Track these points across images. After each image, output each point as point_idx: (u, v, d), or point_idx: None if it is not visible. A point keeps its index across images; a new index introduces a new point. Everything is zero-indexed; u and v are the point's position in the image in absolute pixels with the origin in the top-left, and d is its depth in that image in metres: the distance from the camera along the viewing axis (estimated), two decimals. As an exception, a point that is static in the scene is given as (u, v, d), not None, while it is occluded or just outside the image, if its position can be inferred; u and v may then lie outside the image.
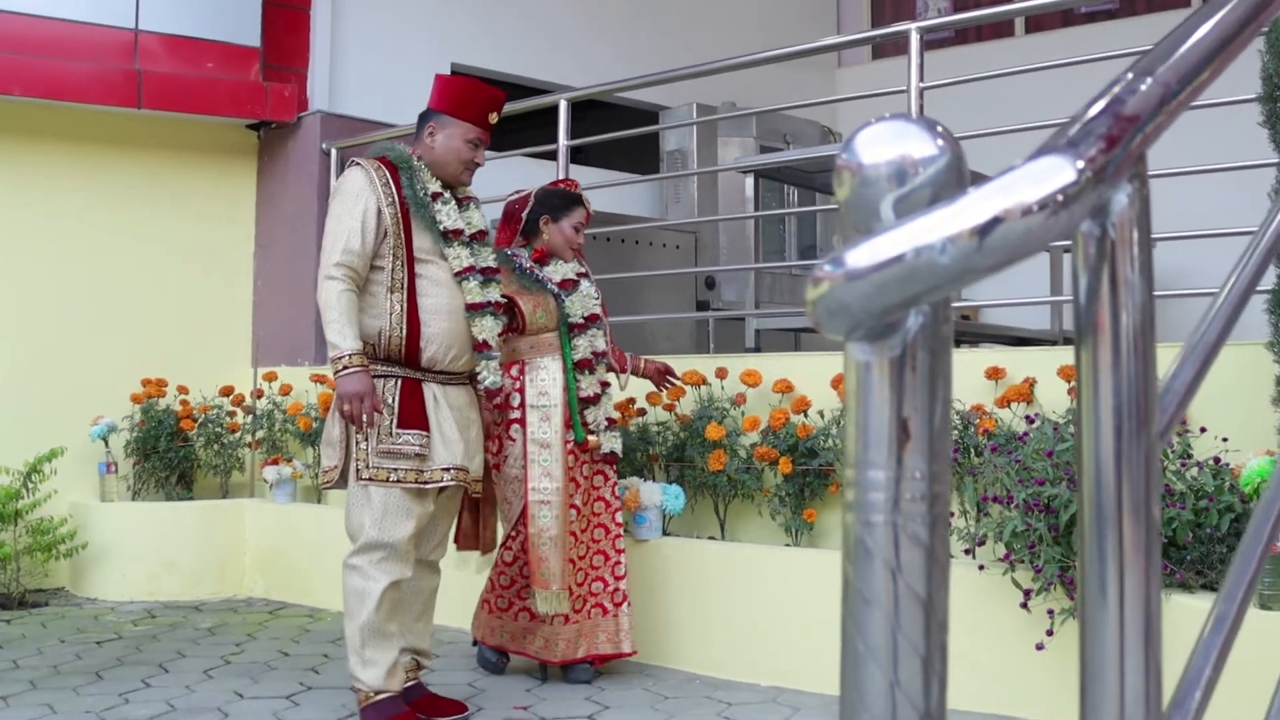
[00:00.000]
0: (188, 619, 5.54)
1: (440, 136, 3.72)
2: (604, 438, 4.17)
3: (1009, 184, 0.80)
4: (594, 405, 4.15)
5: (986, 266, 0.80)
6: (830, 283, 0.86)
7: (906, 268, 0.81)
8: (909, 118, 0.96)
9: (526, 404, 4.07)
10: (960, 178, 0.94)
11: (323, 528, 5.90)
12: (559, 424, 4.05)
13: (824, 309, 0.88)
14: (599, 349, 4.21)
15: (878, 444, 0.89)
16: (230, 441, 6.40)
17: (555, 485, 4.00)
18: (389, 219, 3.54)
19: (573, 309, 4.16)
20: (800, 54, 5.34)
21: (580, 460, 4.14)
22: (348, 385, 3.41)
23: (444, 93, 3.79)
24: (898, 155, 0.93)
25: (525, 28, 8.17)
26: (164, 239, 6.77)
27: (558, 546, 3.99)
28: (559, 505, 3.99)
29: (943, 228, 0.80)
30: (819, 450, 4.25)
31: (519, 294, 4.08)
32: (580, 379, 4.12)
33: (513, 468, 4.07)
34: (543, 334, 4.13)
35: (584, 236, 4.30)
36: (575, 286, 4.21)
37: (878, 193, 0.93)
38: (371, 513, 3.49)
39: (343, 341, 3.42)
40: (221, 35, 6.68)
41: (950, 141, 0.94)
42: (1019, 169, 0.81)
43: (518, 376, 4.10)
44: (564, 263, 4.24)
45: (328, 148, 6.75)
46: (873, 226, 0.96)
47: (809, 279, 0.92)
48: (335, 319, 3.43)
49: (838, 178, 0.99)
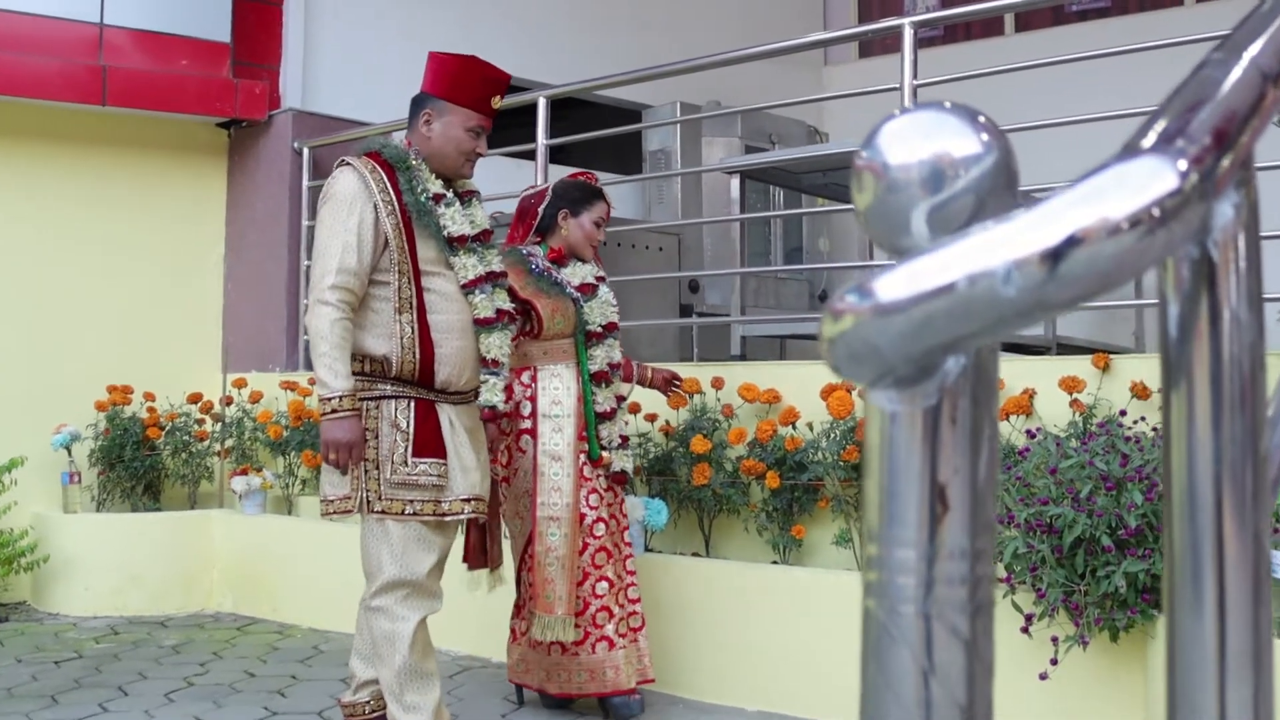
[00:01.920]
0: (152, 636, 5.34)
1: (438, 125, 3.30)
2: (616, 456, 3.88)
3: (1090, 192, 0.61)
4: (609, 420, 3.88)
5: (1062, 301, 0.61)
6: (854, 317, 0.68)
7: (958, 301, 0.62)
8: (944, 106, 0.78)
9: (539, 413, 3.77)
10: (1010, 180, 0.76)
11: (293, 540, 5.70)
12: (571, 435, 3.77)
13: (845, 351, 0.69)
14: (615, 360, 3.93)
15: (906, 516, 0.70)
16: (198, 450, 6.19)
17: (565, 501, 3.72)
18: (390, 229, 3.15)
19: (592, 316, 3.87)
20: (789, 50, 5.16)
21: (597, 473, 3.86)
22: (336, 432, 3.03)
23: (440, 74, 3.34)
24: (932, 153, 0.74)
25: (504, 24, 7.97)
26: (130, 240, 6.56)
27: (565, 568, 3.70)
28: (568, 523, 3.72)
29: (1005, 250, 0.61)
30: (808, 464, 4.07)
31: (537, 296, 3.77)
32: (596, 392, 3.85)
33: (524, 482, 3.79)
34: (558, 340, 3.83)
35: (604, 233, 4.00)
36: (594, 292, 3.92)
37: (908, 200, 0.75)
38: (390, 548, 3.14)
39: (334, 380, 3.04)
40: (190, 30, 6.48)
41: (996, 135, 0.76)
42: (1102, 173, 0.62)
43: (529, 384, 3.81)
44: (582, 264, 3.94)
45: (300, 147, 6.55)
46: (900, 242, 0.78)
47: (827, 310, 0.73)
48: (327, 352, 3.05)
49: (857, 180, 0.80)
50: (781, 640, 3.99)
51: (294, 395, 5.98)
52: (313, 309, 3.10)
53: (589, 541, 3.79)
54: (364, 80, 7.15)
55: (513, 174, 6.37)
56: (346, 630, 5.29)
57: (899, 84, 4.39)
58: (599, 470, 3.84)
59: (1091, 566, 3.12)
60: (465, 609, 4.06)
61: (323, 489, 3.24)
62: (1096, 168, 0.63)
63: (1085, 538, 3.11)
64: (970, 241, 0.63)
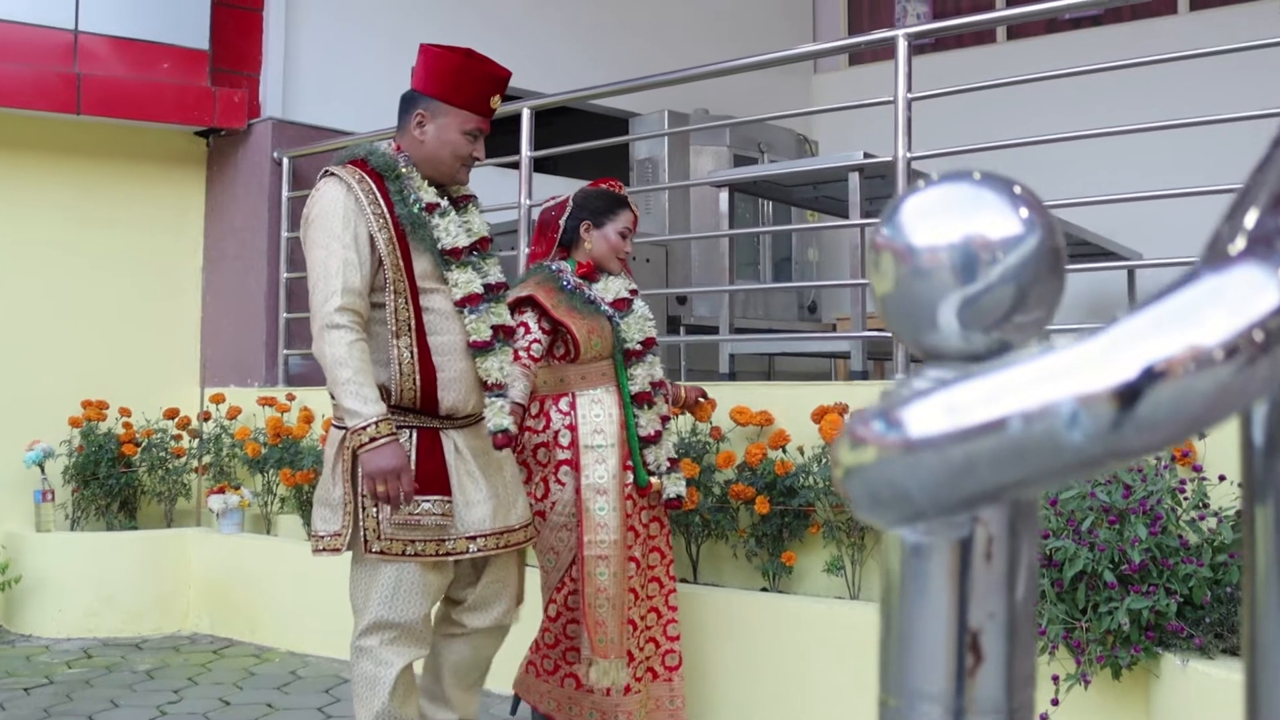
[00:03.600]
0: (126, 659, 5.20)
1: (431, 128, 3.02)
2: (667, 481, 3.61)
3: (1175, 312, 0.49)
4: (654, 444, 3.58)
5: (1139, 449, 0.49)
6: (879, 451, 0.56)
7: (1009, 445, 0.50)
8: (976, 178, 0.66)
9: (579, 444, 3.48)
10: (1055, 264, 0.64)
11: (271, 560, 5.57)
12: (616, 466, 3.48)
13: (865, 489, 0.58)
14: (657, 378, 3.65)
15: (931, 666, 0.58)
16: (175, 467, 6.06)
17: (613, 538, 3.44)
18: (383, 244, 2.89)
19: (629, 333, 3.59)
20: (779, 61, 5.04)
21: (638, 506, 3.58)
22: (379, 461, 2.77)
23: (434, 70, 3.03)
24: (964, 235, 0.62)
25: (489, 31, 7.83)
26: (106, 252, 6.42)
27: (616, 609, 3.43)
28: (617, 561, 3.44)
29: (1069, 382, 0.49)
30: (799, 489, 3.95)
31: (570, 316, 3.48)
32: (639, 414, 3.56)
33: (560, 515, 3.48)
34: (596, 362, 3.54)
35: (632, 244, 3.73)
36: (629, 307, 3.63)
37: (935, 290, 0.63)
38: (380, 590, 2.92)
39: (364, 406, 2.77)
40: (168, 37, 6.34)
41: (1038, 211, 0.64)
42: (1188, 287, 0.50)
43: (568, 411, 3.51)
44: (612, 277, 3.66)
45: (280, 156, 6.41)
46: (926, 338, 0.66)
47: (844, 436, 0.61)
48: (351, 378, 2.78)
49: (875, 261, 0.68)
50: (770, 669, 3.87)
51: (272, 411, 5.85)
52: (323, 336, 2.83)
53: None
54: (346, 89, 7.02)
55: (497, 184, 6.23)
56: (325, 654, 5.18)
57: (892, 96, 4.28)
58: (645, 499, 3.59)
59: (1093, 602, 3.00)
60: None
61: (314, 524, 3.02)
62: (1180, 280, 0.51)
63: (1087, 572, 2.99)
64: (1025, 369, 0.51)
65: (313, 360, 6.45)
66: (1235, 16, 7.62)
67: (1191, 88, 6.58)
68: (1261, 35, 3.86)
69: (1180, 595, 2.93)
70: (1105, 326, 0.51)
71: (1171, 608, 2.91)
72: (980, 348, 0.65)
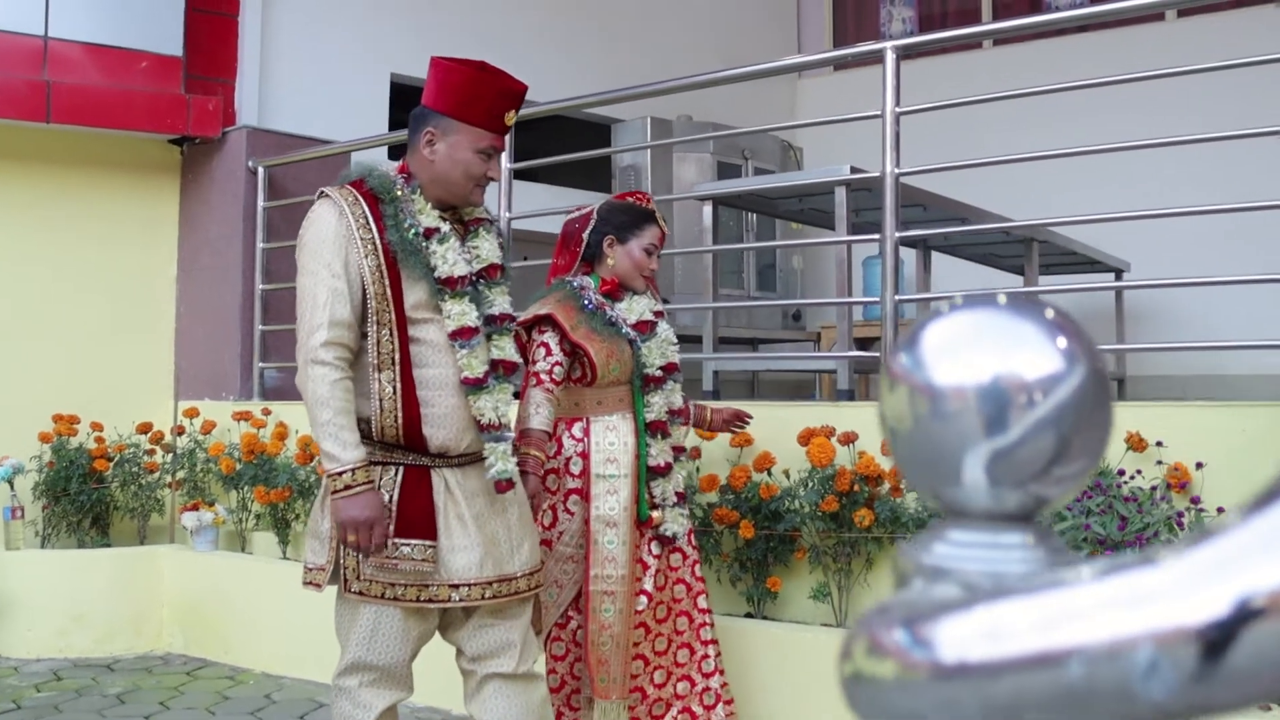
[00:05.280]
0: (98, 681, 5.08)
1: (442, 146, 2.81)
2: (669, 515, 3.38)
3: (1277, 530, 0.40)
4: (663, 476, 3.38)
5: (1230, 704, 0.40)
6: (900, 669, 0.46)
7: (1067, 689, 0.41)
8: (1006, 304, 0.57)
9: (591, 473, 3.30)
10: (1101, 404, 0.55)
11: (247, 579, 5.46)
12: (628, 498, 3.30)
13: (877, 709, 0.48)
14: (675, 406, 3.45)
15: None
16: (148, 483, 5.93)
17: (620, 573, 3.27)
18: (369, 271, 2.72)
19: (650, 358, 3.38)
20: (765, 74, 4.96)
21: (648, 537, 3.39)
22: (352, 510, 2.64)
23: (445, 85, 2.83)
24: (993, 374, 0.53)
25: (467, 38, 7.73)
26: (77, 263, 6.29)
27: (621, 647, 3.27)
28: (624, 597, 3.27)
29: (1144, 617, 0.40)
30: (784, 513, 3.86)
31: (589, 338, 3.28)
32: (651, 443, 3.37)
33: (567, 546, 3.32)
34: (613, 387, 3.36)
35: (658, 261, 3.51)
36: (652, 330, 3.42)
37: (960, 438, 0.53)
38: (360, 630, 2.78)
39: (342, 451, 2.64)
40: (140, 44, 6.21)
41: (1080, 343, 0.54)
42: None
43: (581, 437, 3.33)
44: (637, 297, 3.45)
45: (255, 165, 6.29)
46: (946, 492, 0.56)
47: (861, 635, 0.52)
48: (330, 420, 2.65)
49: (889, 393, 0.59)
50: (755, 697, 3.78)
51: (247, 426, 5.74)
52: (305, 371, 2.68)
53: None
54: (323, 96, 6.91)
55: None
56: (300, 676, 5.07)
57: (880, 109, 4.19)
58: (648, 531, 3.38)
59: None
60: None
61: (305, 554, 2.89)
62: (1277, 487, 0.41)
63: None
64: (1088, 592, 0.42)
65: (288, 373, 6.35)
66: (1223, 22, 7.57)
67: (1179, 93, 6.52)
68: (1248, 41, 3.80)
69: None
70: (1192, 541, 0.41)
71: (1169, 644, 2.83)
72: (1013, 506, 0.55)
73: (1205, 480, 3.17)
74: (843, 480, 3.74)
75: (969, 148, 5.81)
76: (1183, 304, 7.38)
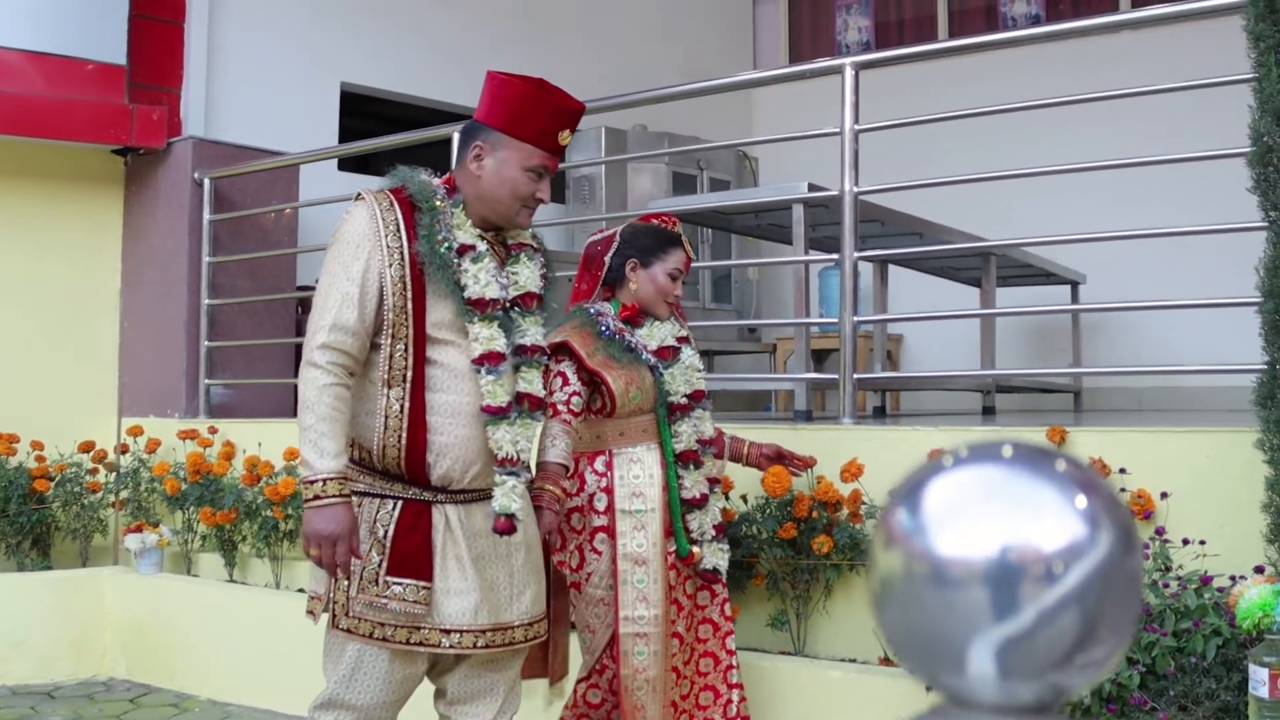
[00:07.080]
0: (37, 710, 4.93)
1: (490, 162, 2.66)
2: (707, 550, 3.23)
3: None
4: (699, 508, 3.22)
5: None
6: None
7: None
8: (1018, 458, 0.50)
9: (616, 508, 3.13)
10: (1132, 578, 0.47)
11: (192, 602, 5.33)
12: (657, 533, 3.13)
13: None
14: (705, 435, 3.30)
15: None
16: (91, 503, 5.79)
17: (654, 613, 3.09)
18: (390, 281, 2.58)
19: (673, 385, 3.22)
20: (722, 89, 4.91)
21: (683, 576, 3.23)
22: (318, 523, 2.48)
23: (499, 99, 2.68)
24: (1001, 545, 0.46)
25: (419, 47, 7.64)
26: (17, 276, 6.14)
27: (656, 691, 3.10)
28: (658, 639, 3.09)
29: None
30: (741, 539, 3.79)
31: (606, 366, 3.12)
32: (683, 475, 3.20)
33: (597, 588, 3.14)
34: (635, 417, 3.18)
35: (683, 287, 3.35)
36: (675, 355, 3.26)
37: (965, 620, 0.47)
38: (342, 667, 2.63)
39: (318, 459, 2.50)
40: (82, 51, 6.06)
41: (1104, 502, 0.48)
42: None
43: (604, 472, 3.16)
44: (659, 322, 3.29)
45: (201, 177, 6.15)
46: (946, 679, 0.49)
47: None
48: (312, 425, 2.51)
49: (882, 550, 0.53)
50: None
51: (193, 445, 5.61)
52: (301, 372, 2.58)
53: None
54: (272, 106, 6.77)
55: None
56: (248, 703, 4.95)
57: (838, 126, 4.14)
58: (688, 568, 3.22)
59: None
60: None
61: (308, 581, 2.75)
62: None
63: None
64: None
65: (235, 390, 6.22)
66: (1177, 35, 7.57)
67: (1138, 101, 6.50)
68: (1207, 52, 3.80)
69: (1143, 665, 2.81)
70: None
71: (1134, 679, 2.78)
72: (1028, 699, 0.47)
73: (1169, 512, 3.13)
74: (801, 506, 3.68)
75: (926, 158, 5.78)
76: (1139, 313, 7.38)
